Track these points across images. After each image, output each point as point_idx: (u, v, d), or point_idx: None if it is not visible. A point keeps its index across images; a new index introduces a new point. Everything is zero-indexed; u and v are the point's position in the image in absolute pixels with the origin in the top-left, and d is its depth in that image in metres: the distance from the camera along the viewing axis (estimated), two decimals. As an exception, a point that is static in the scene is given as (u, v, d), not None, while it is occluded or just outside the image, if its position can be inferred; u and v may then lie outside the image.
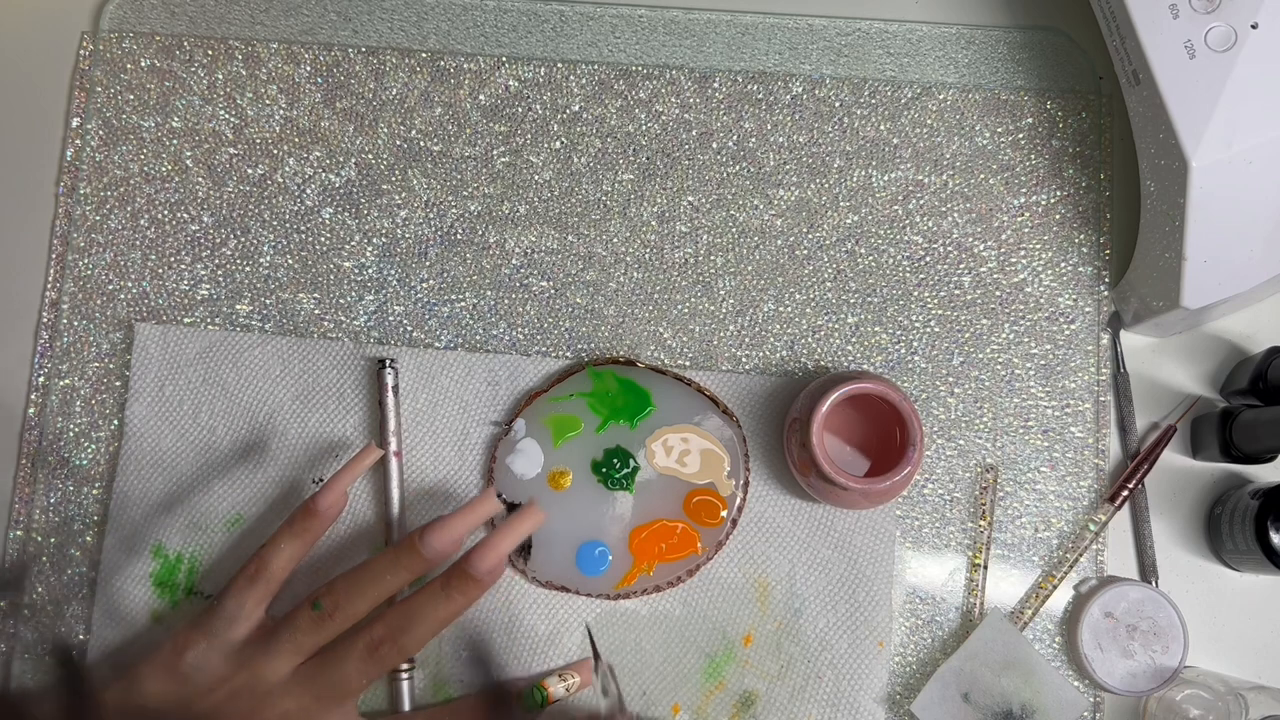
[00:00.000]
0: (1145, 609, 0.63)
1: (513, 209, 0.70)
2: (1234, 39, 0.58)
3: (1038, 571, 0.65)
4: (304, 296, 0.69)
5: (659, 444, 0.65)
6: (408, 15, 0.72)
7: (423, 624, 0.58)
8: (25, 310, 0.70)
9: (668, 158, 0.70)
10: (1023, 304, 0.68)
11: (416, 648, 0.59)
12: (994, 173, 0.69)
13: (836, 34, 0.71)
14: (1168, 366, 0.67)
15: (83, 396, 0.68)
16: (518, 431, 0.66)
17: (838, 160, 0.70)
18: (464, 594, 0.58)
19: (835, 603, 0.64)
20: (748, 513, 0.65)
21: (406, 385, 0.67)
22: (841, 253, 0.69)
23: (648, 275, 0.69)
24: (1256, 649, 0.64)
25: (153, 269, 0.70)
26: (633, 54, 0.71)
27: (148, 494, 0.66)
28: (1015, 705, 0.61)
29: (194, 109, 0.71)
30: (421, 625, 0.58)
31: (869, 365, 0.68)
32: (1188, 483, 0.66)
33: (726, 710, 0.64)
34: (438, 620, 0.58)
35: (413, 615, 0.58)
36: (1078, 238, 0.68)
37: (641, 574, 0.64)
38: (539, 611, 0.65)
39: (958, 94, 0.70)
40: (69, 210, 0.70)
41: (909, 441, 0.60)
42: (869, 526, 0.65)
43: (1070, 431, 0.66)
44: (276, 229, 0.70)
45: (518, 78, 0.71)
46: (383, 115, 0.71)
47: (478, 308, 0.69)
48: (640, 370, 0.67)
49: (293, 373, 0.68)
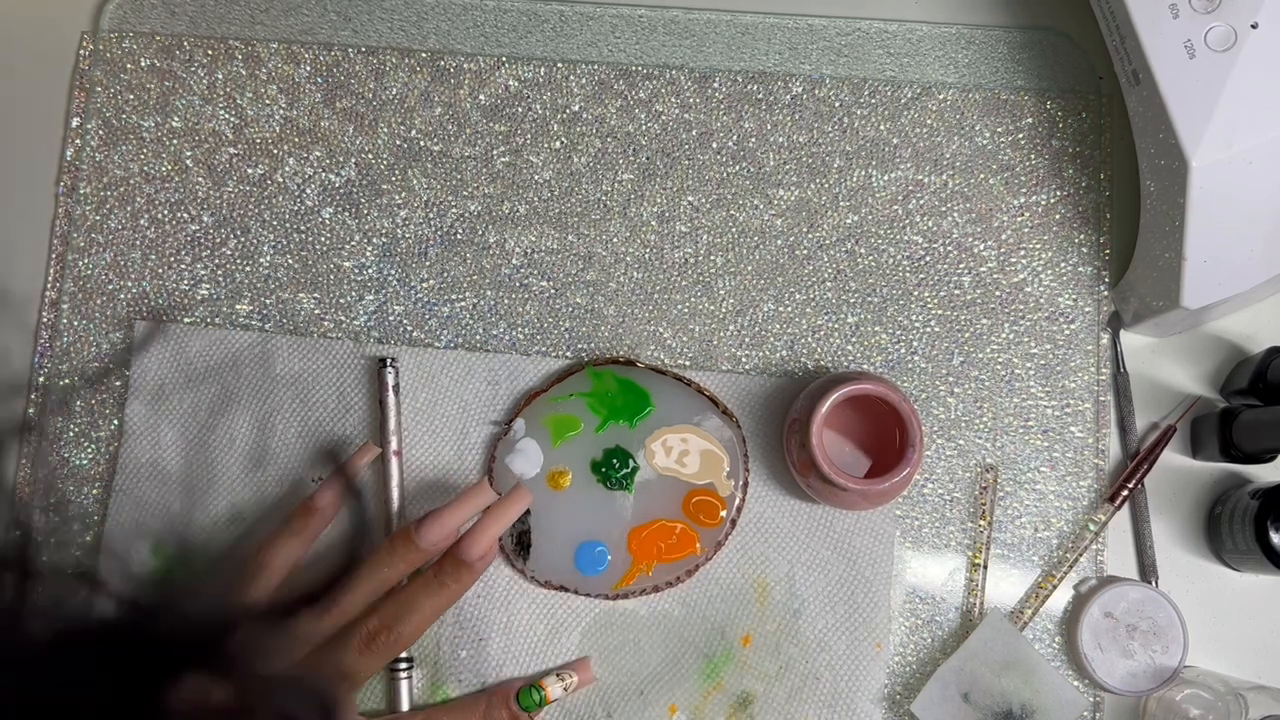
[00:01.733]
0: (1145, 609, 0.63)
1: (513, 209, 0.70)
2: (1234, 39, 0.58)
3: (1038, 571, 0.65)
4: (304, 296, 0.69)
5: (658, 444, 0.65)
6: (408, 15, 0.72)
7: (418, 613, 0.58)
8: (25, 310, 0.70)
9: (668, 158, 0.70)
10: (1023, 304, 0.68)
11: (413, 637, 0.59)
12: (994, 173, 0.69)
13: (836, 34, 0.71)
14: (1168, 366, 0.67)
15: (82, 396, 0.68)
16: (517, 431, 0.66)
17: (838, 160, 0.69)
18: (457, 581, 0.58)
19: (834, 604, 0.64)
20: (747, 513, 0.65)
21: (406, 385, 0.67)
22: (841, 253, 0.69)
23: (648, 275, 0.69)
24: (1256, 649, 0.64)
25: (153, 269, 0.70)
26: (633, 54, 0.71)
27: (148, 494, 0.66)
28: (1015, 705, 0.61)
29: (194, 109, 0.71)
30: (417, 614, 0.58)
31: (869, 365, 0.67)
32: (1188, 483, 0.66)
33: (724, 711, 0.64)
34: (433, 609, 0.59)
35: (408, 605, 0.58)
36: (1078, 238, 0.68)
37: (640, 574, 0.64)
38: (538, 611, 0.65)
39: (958, 94, 0.70)
40: (69, 210, 0.70)
41: (909, 442, 0.60)
42: (868, 527, 0.65)
43: (1070, 431, 0.66)
44: (276, 229, 0.70)
45: (518, 78, 0.71)
46: (383, 115, 0.71)
47: (478, 307, 0.69)
48: (640, 370, 0.67)
49: (293, 372, 0.68)
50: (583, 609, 0.65)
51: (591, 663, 0.64)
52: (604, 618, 0.65)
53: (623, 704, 0.64)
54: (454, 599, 0.59)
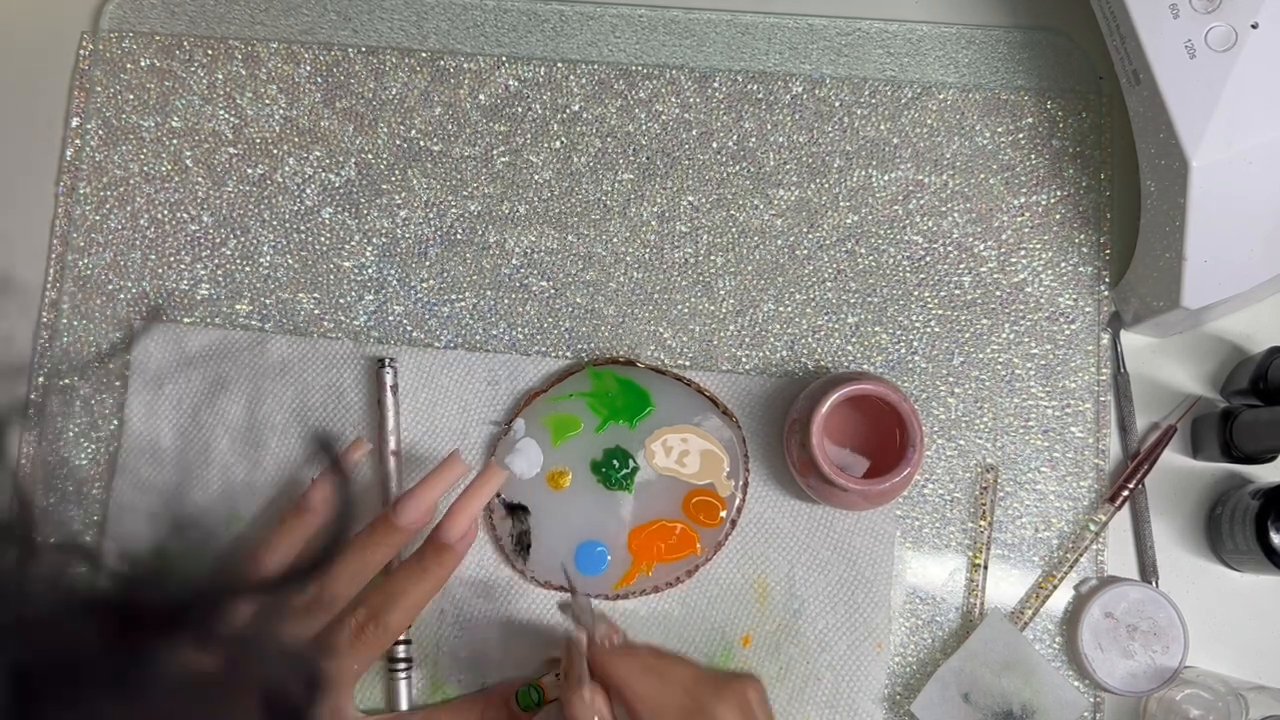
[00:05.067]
0: (1145, 609, 0.63)
1: (513, 209, 0.70)
2: (1234, 39, 0.58)
3: (1038, 571, 0.65)
4: (304, 296, 0.69)
5: (659, 444, 0.65)
6: (408, 15, 0.72)
7: (404, 600, 0.58)
8: (25, 310, 0.70)
9: (668, 158, 0.70)
10: (1023, 304, 0.68)
11: (401, 625, 0.58)
12: (994, 173, 0.69)
13: (836, 34, 0.71)
14: (1168, 366, 0.67)
15: (82, 396, 0.68)
16: (517, 431, 0.66)
17: (838, 160, 0.69)
18: (440, 565, 0.58)
19: (834, 604, 0.64)
20: (747, 513, 0.65)
21: (406, 385, 0.67)
22: (841, 253, 0.69)
23: (648, 275, 0.69)
24: (1256, 649, 0.64)
25: (153, 269, 0.70)
26: (633, 54, 0.71)
27: (147, 494, 0.66)
28: (1015, 705, 0.61)
29: (194, 109, 0.71)
30: (403, 602, 0.58)
31: (869, 365, 0.67)
32: (1188, 483, 0.66)
33: (726, 710, 0.64)
34: (419, 594, 0.58)
35: (393, 593, 0.58)
36: (1078, 238, 0.68)
37: (640, 574, 0.64)
38: (537, 611, 0.65)
39: (958, 94, 0.70)
40: (69, 210, 0.70)
41: (909, 442, 0.60)
42: (869, 528, 0.65)
43: (1070, 431, 0.66)
44: (276, 229, 0.70)
45: (518, 77, 0.71)
46: (383, 115, 0.71)
47: (478, 307, 0.69)
48: (640, 370, 0.67)
49: (292, 372, 0.68)
50: (583, 609, 0.65)
51: None
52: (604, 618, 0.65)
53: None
54: (439, 583, 0.59)
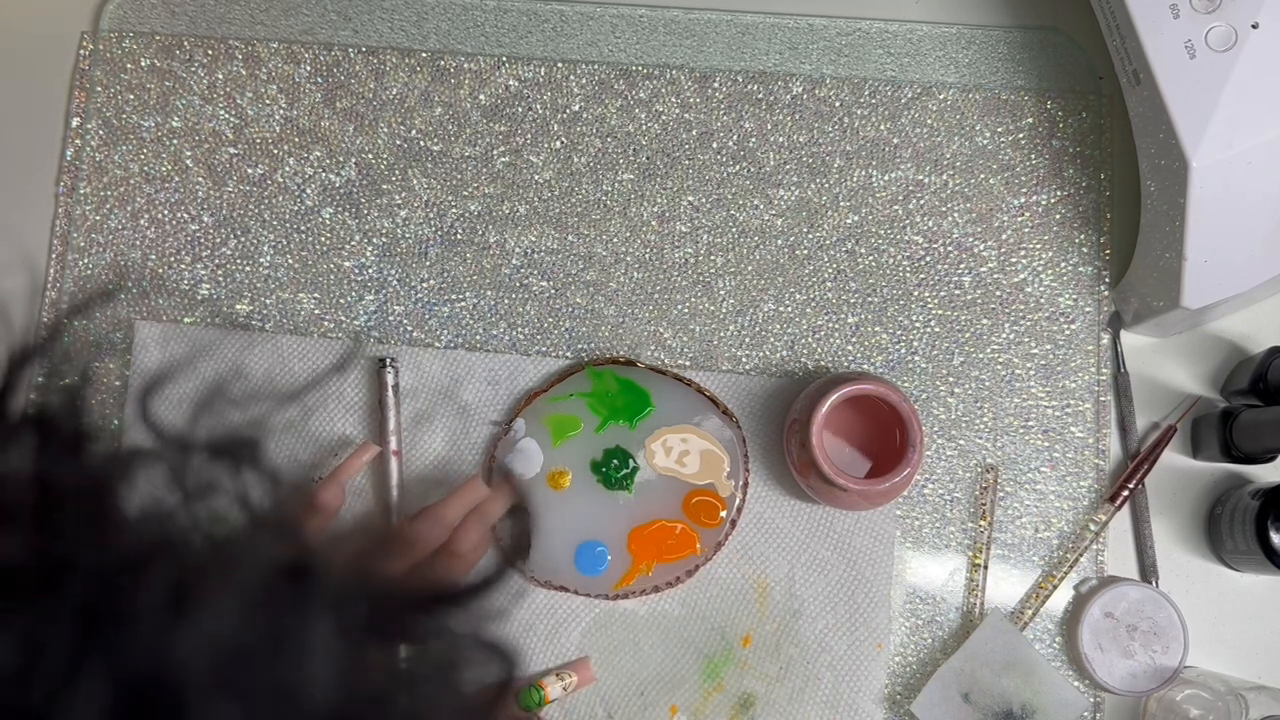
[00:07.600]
0: (1145, 609, 0.63)
1: (513, 209, 0.70)
2: (1234, 39, 0.58)
3: (1038, 571, 0.65)
4: (304, 296, 0.69)
5: (659, 444, 0.65)
6: (408, 15, 0.72)
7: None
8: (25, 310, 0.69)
9: (668, 158, 0.70)
10: (1023, 304, 0.68)
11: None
12: (994, 173, 0.69)
13: (836, 34, 0.71)
14: (1168, 366, 0.67)
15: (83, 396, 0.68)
16: (517, 431, 0.66)
17: (838, 160, 0.69)
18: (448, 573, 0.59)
19: (834, 604, 0.64)
20: (747, 513, 0.65)
21: (406, 384, 0.67)
22: (841, 253, 0.69)
23: (648, 275, 0.69)
24: (1256, 649, 0.64)
25: (153, 269, 0.70)
26: (633, 54, 0.71)
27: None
28: (1015, 705, 0.61)
29: (194, 109, 0.71)
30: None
31: (869, 365, 0.67)
32: (1188, 483, 0.66)
33: (725, 711, 0.64)
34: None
35: None
36: (1078, 238, 0.68)
37: (640, 574, 0.64)
38: (537, 611, 0.65)
39: (958, 94, 0.70)
40: (69, 210, 0.70)
41: (909, 442, 0.60)
42: (869, 528, 0.65)
43: (1070, 431, 0.66)
44: (276, 229, 0.70)
45: (518, 78, 0.71)
46: (383, 115, 0.71)
47: (478, 308, 0.69)
48: (640, 370, 0.67)
49: (293, 372, 0.68)
50: (583, 609, 0.65)
51: (591, 663, 0.64)
52: (604, 618, 0.65)
53: (623, 704, 0.64)
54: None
